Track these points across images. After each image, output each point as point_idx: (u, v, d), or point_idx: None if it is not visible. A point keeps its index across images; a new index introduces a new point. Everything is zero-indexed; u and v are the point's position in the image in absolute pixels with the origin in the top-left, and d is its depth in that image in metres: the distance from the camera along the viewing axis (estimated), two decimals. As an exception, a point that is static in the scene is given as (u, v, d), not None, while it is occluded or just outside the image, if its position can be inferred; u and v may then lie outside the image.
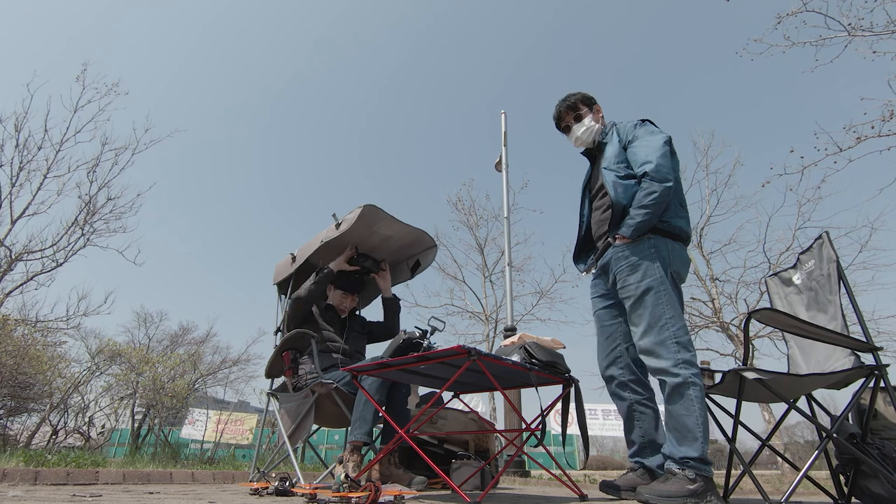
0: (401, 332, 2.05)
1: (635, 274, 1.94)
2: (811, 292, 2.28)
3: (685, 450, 1.74)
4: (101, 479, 2.69)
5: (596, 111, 2.40)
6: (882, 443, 1.90)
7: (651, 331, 1.86)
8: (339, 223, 2.80)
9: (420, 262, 3.34)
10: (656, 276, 1.90)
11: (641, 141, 2.11)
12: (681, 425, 1.75)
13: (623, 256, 2.00)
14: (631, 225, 1.96)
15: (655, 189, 1.94)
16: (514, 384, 2.37)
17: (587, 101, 2.40)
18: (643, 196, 1.96)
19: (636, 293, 1.92)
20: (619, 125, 2.28)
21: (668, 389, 1.81)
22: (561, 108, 2.42)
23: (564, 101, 2.42)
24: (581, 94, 2.41)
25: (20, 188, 6.95)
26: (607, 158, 2.18)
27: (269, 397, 2.98)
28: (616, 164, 2.13)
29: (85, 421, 8.40)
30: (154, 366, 8.88)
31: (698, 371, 1.81)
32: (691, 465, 1.71)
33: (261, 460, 3.31)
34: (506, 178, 7.23)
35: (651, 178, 1.96)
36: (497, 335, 12.84)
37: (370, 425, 2.35)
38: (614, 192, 2.05)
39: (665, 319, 1.85)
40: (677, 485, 1.69)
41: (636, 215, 1.96)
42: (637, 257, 1.96)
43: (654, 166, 1.97)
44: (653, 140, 2.08)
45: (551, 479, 4.46)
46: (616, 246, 2.04)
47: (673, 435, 1.79)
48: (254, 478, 2.91)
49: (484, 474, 2.85)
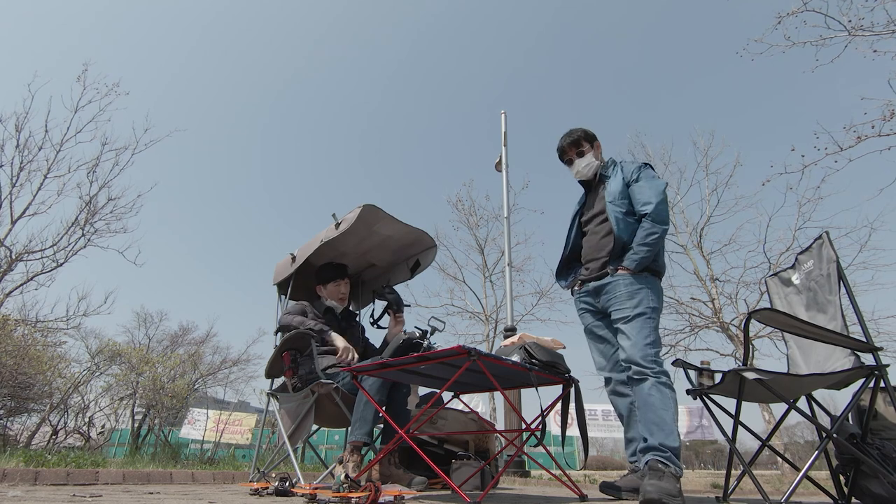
0: (401, 333, 2.05)
1: (632, 300, 2.20)
2: (810, 292, 2.28)
3: (669, 441, 1.94)
4: (101, 479, 2.69)
5: (596, 147, 2.64)
6: (882, 443, 1.90)
7: (636, 347, 2.11)
8: (339, 223, 2.80)
9: (420, 262, 3.34)
10: (649, 305, 2.19)
11: (644, 183, 2.38)
12: (659, 418, 1.98)
13: (623, 285, 2.25)
14: (634, 260, 2.24)
15: (656, 231, 2.24)
16: (514, 384, 2.37)
17: (589, 138, 2.62)
18: (645, 235, 2.25)
19: (630, 314, 2.18)
20: (623, 164, 2.53)
21: (648, 386, 2.04)
22: (565, 143, 2.64)
23: (568, 136, 2.63)
24: (583, 130, 2.63)
25: (20, 188, 6.94)
26: (612, 193, 2.43)
27: (269, 397, 2.98)
28: (620, 201, 2.39)
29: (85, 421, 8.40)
30: (154, 366, 8.89)
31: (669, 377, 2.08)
32: (673, 461, 1.90)
33: (261, 460, 3.31)
34: (506, 179, 7.23)
35: (652, 220, 2.26)
36: (497, 335, 12.84)
37: (370, 425, 2.35)
38: (617, 227, 2.34)
39: (649, 340, 2.13)
40: (670, 482, 1.80)
41: (639, 251, 2.24)
42: (635, 287, 2.23)
43: (654, 208, 2.27)
44: (654, 185, 2.36)
45: (551, 480, 4.46)
46: (615, 276, 2.30)
47: (652, 428, 1.99)
48: (254, 478, 2.91)
49: (484, 474, 2.85)
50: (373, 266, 3.52)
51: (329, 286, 3.05)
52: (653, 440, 1.97)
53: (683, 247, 10.98)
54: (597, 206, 2.50)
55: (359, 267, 3.49)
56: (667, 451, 1.91)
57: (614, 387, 2.35)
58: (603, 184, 2.52)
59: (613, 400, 2.38)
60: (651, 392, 2.02)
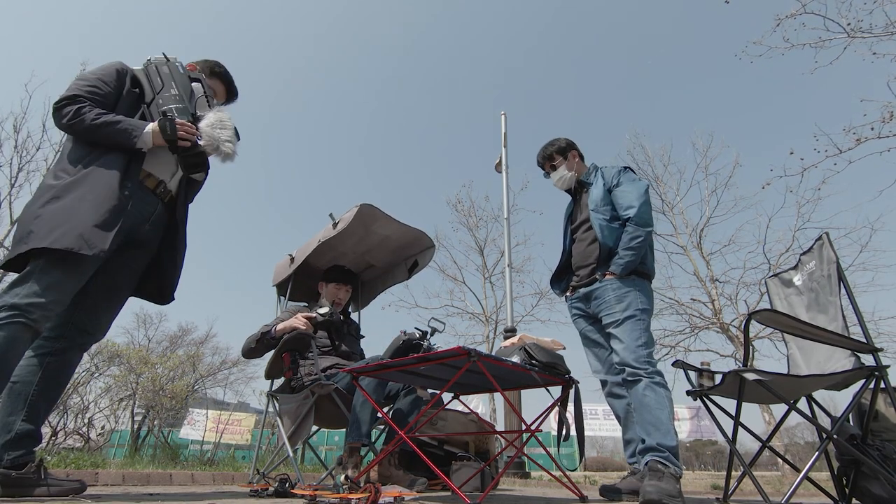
0: (400, 334, 2.05)
1: (621, 304, 2.23)
2: (812, 293, 2.28)
3: (666, 441, 1.95)
4: (100, 480, 2.68)
5: (571, 157, 2.68)
6: (882, 444, 1.90)
7: (628, 349, 2.14)
8: (336, 223, 2.80)
9: (418, 262, 3.33)
10: (638, 307, 2.21)
11: (626, 187, 2.41)
12: (655, 418, 2.00)
13: (612, 289, 2.28)
14: (620, 264, 2.27)
15: (640, 234, 2.27)
16: (514, 385, 2.37)
17: (562, 151, 2.68)
18: (629, 239, 2.28)
19: (620, 318, 2.21)
20: (604, 169, 2.56)
21: (642, 387, 2.06)
22: (539, 158, 2.75)
23: (543, 150, 2.73)
24: (557, 144, 2.69)
25: (19, 189, 6.92)
26: (594, 201, 2.46)
27: (269, 398, 2.98)
28: (603, 207, 2.42)
29: (84, 422, 8.39)
30: (153, 367, 8.88)
31: (663, 377, 2.10)
32: (672, 461, 1.91)
33: (261, 461, 3.31)
34: (506, 179, 7.22)
35: (636, 224, 2.28)
36: (497, 336, 12.83)
37: (368, 427, 2.35)
38: (601, 234, 2.36)
39: (641, 341, 2.14)
40: (670, 483, 1.81)
41: (625, 255, 2.27)
42: (623, 291, 2.26)
43: (636, 212, 2.29)
44: (635, 188, 2.39)
45: (551, 481, 4.46)
46: (603, 281, 2.33)
47: (649, 429, 2.01)
48: (253, 479, 2.90)
49: (484, 475, 2.84)
50: (371, 266, 3.52)
51: (330, 286, 3.07)
52: (650, 440, 1.98)
53: (683, 248, 10.98)
54: (582, 214, 2.55)
55: (358, 267, 3.49)
56: (665, 450, 1.93)
57: (610, 389, 2.37)
58: (586, 191, 2.57)
59: (610, 402, 2.40)
60: (646, 393, 2.05)
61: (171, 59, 2.04)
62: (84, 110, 1.77)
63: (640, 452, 2.03)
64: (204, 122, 1.92)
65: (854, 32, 5.55)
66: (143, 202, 1.89)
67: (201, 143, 1.89)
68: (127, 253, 1.92)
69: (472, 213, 14.08)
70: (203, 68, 2.21)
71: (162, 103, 1.91)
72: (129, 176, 1.82)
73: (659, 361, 2.16)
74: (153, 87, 1.95)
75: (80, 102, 1.79)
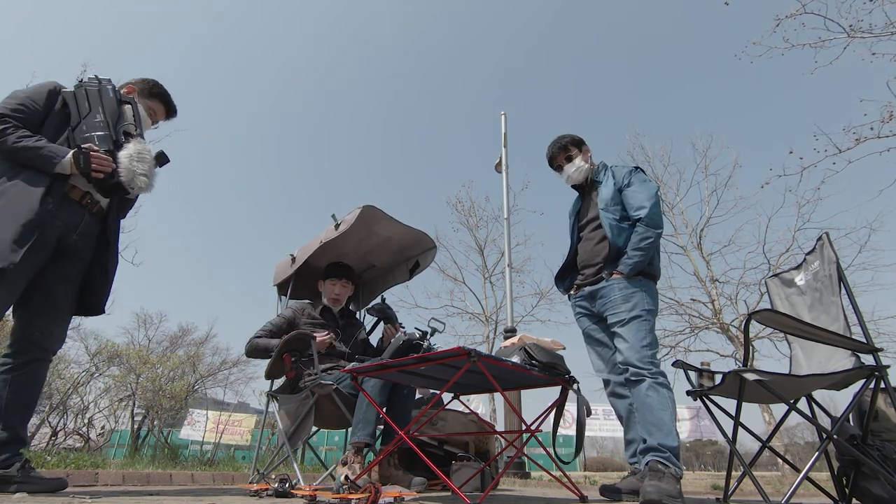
0: (400, 334, 2.05)
1: (627, 304, 2.22)
2: (816, 293, 2.28)
3: (668, 441, 1.95)
4: (100, 480, 2.68)
5: (585, 151, 2.65)
6: (883, 444, 1.90)
7: (633, 349, 2.13)
8: (338, 224, 2.80)
9: (419, 262, 3.33)
10: (644, 307, 2.20)
11: (637, 187, 2.39)
12: (657, 419, 1.99)
13: (618, 289, 2.26)
14: (629, 264, 2.25)
15: (650, 236, 2.26)
16: (514, 385, 2.37)
17: (577, 143, 2.65)
18: (639, 240, 2.26)
19: (626, 317, 2.19)
20: (614, 168, 2.54)
21: (645, 388, 2.05)
22: (553, 149, 2.67)
23: (556, 142, 2.66)
24: (571, 136, 2.66)
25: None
26: (604, 200, 2.44)
27: (269, 398, 2.98)
28: (613, 207, 2.40)
29: (84, 422, 8.38)
30: (153, 367, 8.88)
31: (666, 378, 2.10)
32: (673, 462, 1.91)
33: (260, 462, 3.31)
34: (506, 179, 7.22)
35: (646, 225, 2.27)
36: (497, 336, 12.84)
37: (373, 426, 2.34)
38: (611, 233, 2.34)
39: (646, 342, 2.14)
40: (670, 483, 1.81)
41: (633, 256, 2.25)
42: (629, 291, 2.24)
43: (647, 213, 2.28)
44: (646, 188, 2.38)
45: (551, 481, 4.46)
46: (610, 280, 2.31)
47: (650, 429, 2.00)
48: (253, 479, 2.90)
49: (484, 476, 2.84)
50: (373, 267, 3.52)
51: (327, 283, 3.06)
52: (652, 441, 1.98)
53: (683, 248, 11.00)
54: (591, 212, 2.53)
55: (359, 268, 3.49)
56: (666, 451, 1.93)
57: (613, 388, 2.36)
58: (595, 189, 2.54)
59: (612, 402, 2.39)
60: (649, 393, 2.04)
61: (103, 80, 2.05)
62: (8, 131, 1.81)
63: (642, 452, 2.03)
64: (123, 153, 1.95)
65: (854, 32, 5.55)
66: (68, 213, 1.93)
67: (120, 173, 1.92)
68: (60, 263, 1.97)
69: (473, 213, 14.13)
70: (141, 90, 2.24)
71: (86, 129, 1.94)
72: (52, 191, 1.85)
73: (660, 362, 2.16)
74: (80, 112, 1.98)
75: (6, 122, 1.82)
